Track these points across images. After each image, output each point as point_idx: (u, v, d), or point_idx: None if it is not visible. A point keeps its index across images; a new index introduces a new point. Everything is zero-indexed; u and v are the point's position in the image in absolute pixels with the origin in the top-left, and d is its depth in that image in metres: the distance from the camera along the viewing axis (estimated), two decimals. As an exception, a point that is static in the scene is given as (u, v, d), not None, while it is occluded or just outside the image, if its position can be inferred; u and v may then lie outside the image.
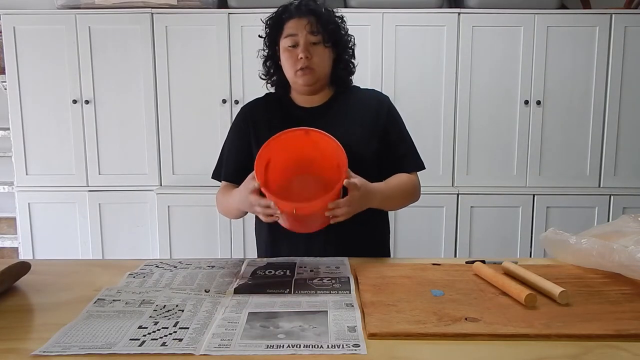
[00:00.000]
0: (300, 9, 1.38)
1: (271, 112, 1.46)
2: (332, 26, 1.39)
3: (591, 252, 1.16)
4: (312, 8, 1.38)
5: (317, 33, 1.36)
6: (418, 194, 1.47)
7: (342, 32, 1.43)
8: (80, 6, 2.70)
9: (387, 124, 1.44)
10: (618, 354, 0.81)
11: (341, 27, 1.43)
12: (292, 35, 1.37)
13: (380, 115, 1.44)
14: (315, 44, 1.37)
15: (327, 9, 1.41)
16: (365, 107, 1.45)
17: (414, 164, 1.45)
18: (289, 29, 1.37)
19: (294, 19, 1.37)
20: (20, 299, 1.06)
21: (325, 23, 1.37)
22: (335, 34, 1.40)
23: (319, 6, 1.39)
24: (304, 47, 1.36)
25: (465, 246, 2.75)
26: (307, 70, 1.36)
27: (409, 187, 1.42)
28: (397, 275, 1.15)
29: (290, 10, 1.39)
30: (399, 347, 0.83)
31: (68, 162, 2.78)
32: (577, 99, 2.71)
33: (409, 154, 1.45)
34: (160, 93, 2.73)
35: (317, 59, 1.37)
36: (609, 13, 2.66)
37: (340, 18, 1.44)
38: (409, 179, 1.42)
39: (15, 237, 3.03)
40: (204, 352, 0.81)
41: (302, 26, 1.36)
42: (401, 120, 1.48)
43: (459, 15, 2.67)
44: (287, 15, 1.39)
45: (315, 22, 1.36)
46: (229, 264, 1.27)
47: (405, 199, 1.44)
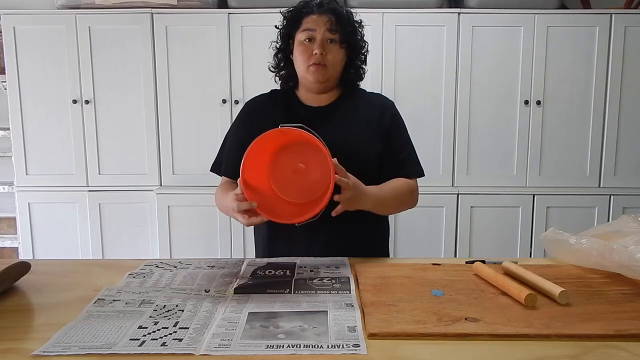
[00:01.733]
0: (322, 6, 1.39)
1: (276, 109, 1.46)
2: (350, 28, 1.40)
3: (591, 252, 1.16)
4: (333, 7, 1.39)
5: (335, 32, 1.37)
6: (415, 199, 1.46)
7: (358, 37, 1.44)
8: (80, 6, 2.70)
9: (391, 128, 1.44)
10: (618, 354, 0.81)
11: (358, 32, 1.44)
12: (310, 30, 1.37)
13: (385, 119, 1.44)
14: (331, 41, 1.37)
15: (348, 11, 1.42)
16: (371, 110, 1.45)
17: (413, 170, 1.45)
18: (308, 23, 1.38)
19: (314, 15, 1.38)
20: (20, 299, 1.06)
21: (344, 24, 1.38)
22: (351, 36, 1.41)
23: (341, 7, 1.41)
24: (320, 42, 1.36)
25: (465, 246, 2.75)
26: (320, 66, 1.36)
27: (405, 193, 1.41)
28: (397, 275, 1.15)
29: (312, 6, 1.40)
30: (399, 347, 0.83)
31: (68, 162, 2.78)
32: (577, 99, 2.71)
33: (409, 160, 1.45)
34: (160, 93, 2.73)
35: (331, 57, 1.37)
36: (609, 13, 2.66)
37: (359, 23, 1.44)
38: (406, 184, 1.42)
39: (15, 237, 3.03)
40: (204, 352, 0.81)
41: (321, 22, 1.37)
42: (404, 126, 1.48)
43: (459, 15, 2.67)
44: (307, 10, 1.40)
45: (335, 20, 1.37)
46: (229, 264, 1.26)
47: (400, 204, 1.43)
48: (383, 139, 1.42)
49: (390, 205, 1.41)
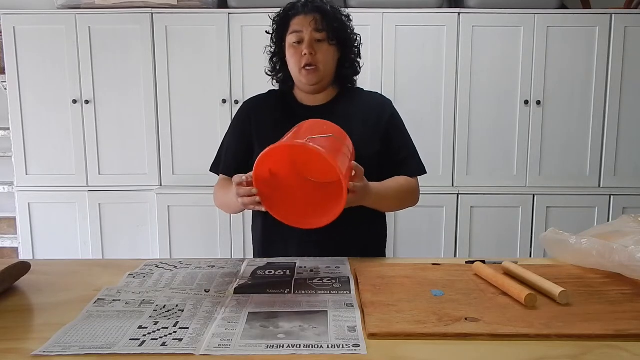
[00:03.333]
0: (306, 5, 1.39)
1: (274, 109, 1.46)
2: (337, 24, 1.39)
3: (591, 252, 1.16)
4: (317, 5, 1.38)
5: (321, 30, 1.37)
6: (416, 197, 1.45)
7: (347, 31, 1.43)
8: (80, 6, 2.70)
9: (389, 127, 1.44)
10: (618, 354, 0.81)
11: (347, 26, 1.43)
12: (297, 32, 1.37)
13: (383, 117, 1.44)
14: (319, 41, 1.37)
15: (333, 7, 1.41)
16: (369, 109, 1.45)
17: (414, 168, 1.45)
18: (295, 25, 1.38)
19: (300, 16, 1.38)
20: (20, 299, 1.06)
21: (330, 21, 1.38)
22: (340, 32, 1.40)
23: (325, 4, 1.40)
24: (308, 43, 1.36)
25: (465, 246, 2.75)
26: (312, 69, 1.36)
27: (406, 190, 1.41)
28: (397, 275, 1.15)
29: (297, 7, 1.40)
30: (398, 347, 0.83)
31: (68, 162, 2.78)
32: (577, 99, 2.71)
33: (410, 158, 1.45)
34: (160, 93, 2.73)
35: (321, 56, 1.37)
36: (609, 13, 2.66)
37: (347, 17, 1.44)
38: (407, 182, 1.41)
39: (15, 237, 3.03)
40: (204, 352, 0.81)
41: (307, 23, 1.37)
42: (403, 124, 1.48)
43: (459, 15, 2.66)
44: (293, 12, 1.39)
45: (321, 19, 1.37)
46: (229, 264, 1.27)
47: (401, 201, 1.43)
48: (382, 138, 1.42)
49: (391, 202, 1.40)
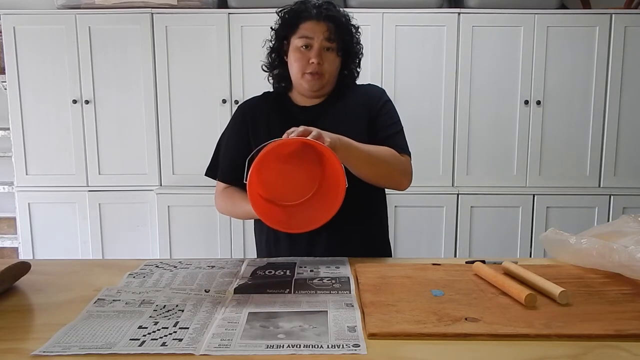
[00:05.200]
0: (320, 12, 1.35)
1: (269, 111, 1.46)
2: (348, 37, 1.38)
3: (591, 252, 1.16)
4: (332, 14, 1.36)
5: (333, 41, 1.35)
6: (406, 169, 1.37)
7: (354, 42, 1.42)
8: (80, 6, 2.70)
9: (379, 111, 1.42)
10: (618, 354, 0.81)
11: (356, 39, 1.42)
12: (307, 38, 1.35)
13: (374, 106, 1.43)
14: (328, 49, 1.36)
15: (346, 17, 1.39)
16: (362, 102, 1.44)
17: (402, 145, 1.39)
18: (305, 30, 1.35)
19: (312, 21, 1.35)
20: (20, 299, 1.06)
21: (342, 33, 1.36)
22: (349, 45, 1.39)
23: (340, 13, 1.38)
24: (317, 51, 1.34)
25: (465, 246, 2.75)
26: (317, 75, 1.35)
27: (395, 158, 1.34)
28: (397, 275, 1.15)
29: (310, 11, 1.36)
30: (399, 347, 0.83)
31: (68, 162, 2.78)
32: (577, 99, 2.71)
33: (395, 137, 1.40)
34: (160, 93, 2.73)
35: (327, 65, 1.36)
36: (609, 13, 2.66)
37: (356, 28, 1.43)
38: (392, 152, 1.34)
39: (15, 237, 3.03)
40: (204, 352, 0.81)
41: (319, 31, 1.34)
42: (394, 109, 1.45)
43: (459, 15, 2.67)
44: (305, 15, 1.36)
45: (334, 29, 1.35)
46: (229, 264, 1.26)
47: (391, 168, 1.33)
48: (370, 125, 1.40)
49: (380, 164, 1.31)
